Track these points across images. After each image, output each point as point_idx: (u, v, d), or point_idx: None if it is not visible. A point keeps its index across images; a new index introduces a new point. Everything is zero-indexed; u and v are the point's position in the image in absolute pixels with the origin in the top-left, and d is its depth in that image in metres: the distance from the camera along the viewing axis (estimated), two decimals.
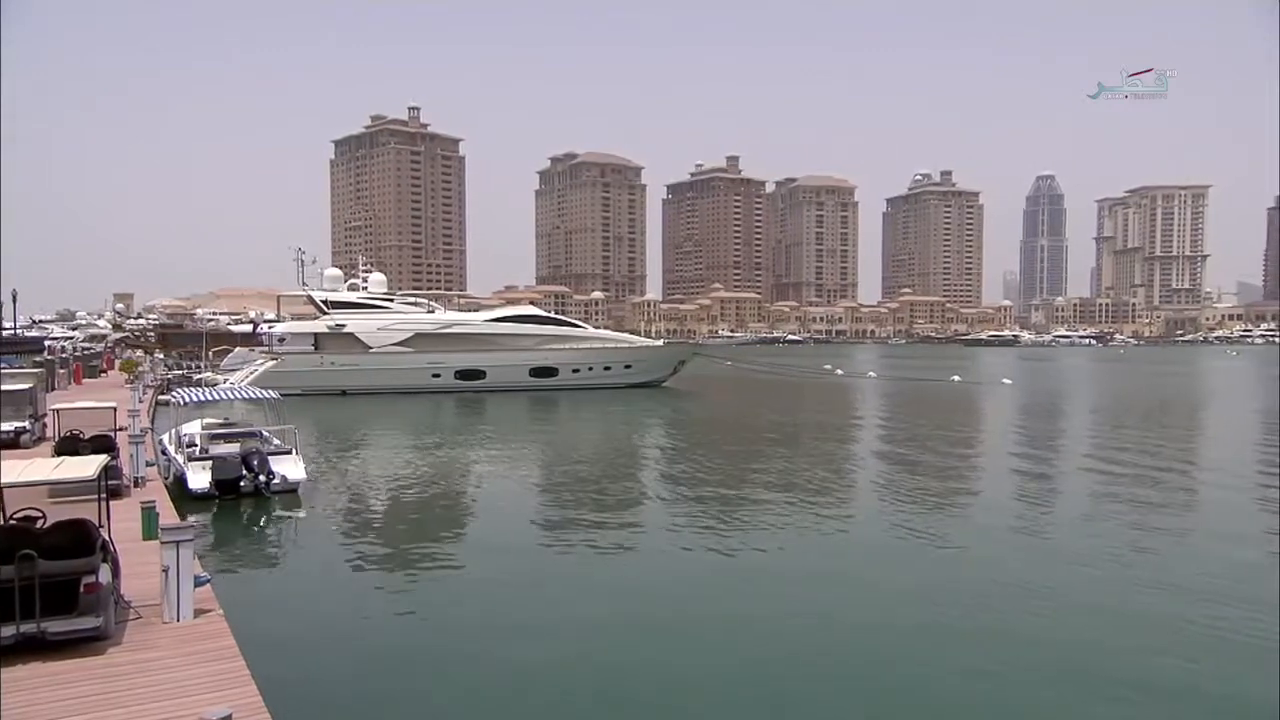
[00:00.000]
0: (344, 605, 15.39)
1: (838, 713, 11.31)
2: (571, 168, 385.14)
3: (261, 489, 23.45)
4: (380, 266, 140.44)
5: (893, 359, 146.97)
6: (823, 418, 50.34)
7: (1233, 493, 26.42)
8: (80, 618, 9.46)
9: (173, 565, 10.50)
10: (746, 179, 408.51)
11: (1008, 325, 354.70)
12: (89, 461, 12.15)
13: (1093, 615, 14.64)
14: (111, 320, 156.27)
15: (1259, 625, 13.86)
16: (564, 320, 77.01)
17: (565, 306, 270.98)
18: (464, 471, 30.58)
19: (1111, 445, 37.54)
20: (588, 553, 18.98)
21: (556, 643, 13.45)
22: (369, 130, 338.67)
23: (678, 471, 30.84)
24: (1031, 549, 19.34)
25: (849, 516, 22.90)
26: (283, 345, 65.77)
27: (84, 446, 20.18)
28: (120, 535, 12.47)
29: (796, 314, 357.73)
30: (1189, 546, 19.88)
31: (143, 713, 8.16)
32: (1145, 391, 75.59)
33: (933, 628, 14.02)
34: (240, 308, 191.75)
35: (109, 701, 8.34)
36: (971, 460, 33.65)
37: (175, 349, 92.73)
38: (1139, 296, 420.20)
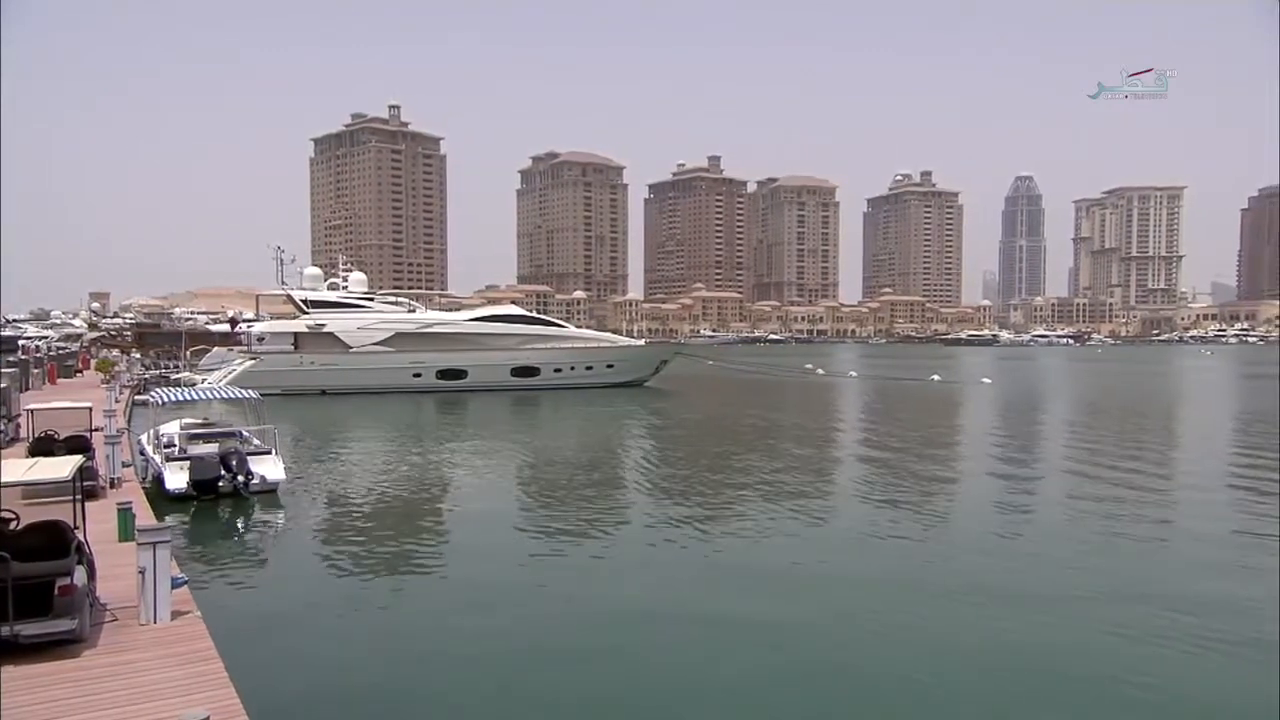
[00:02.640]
0: (323, 607, 15.28)
1: (822, 712, 11.36)
2: (553, 167, 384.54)
3: (240, 489, 23.26)
4: (360, 266, 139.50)
5: (873, 358, 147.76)
6: (804, 418, 50.52)
7: (1208, 492, 26.75)
8: (55, 620, 9.35)
9: (149, 567, 10.40)
10: (728, 179, 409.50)
11: (987, 325, 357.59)
12: (64, 462, 12.01)
13: (1072, 616, 14.77)
14: (87, 319, 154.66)
15: (1258, 627, 13.92)
16: (546, 320, 76.81)
17: (547, 306, 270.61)
18: (444, 472, 30.45)
19: (1089, 444, 37.95)
20: (568, 553, 18.95)
21: (538, 643, 13.41)
22: (349, 129, 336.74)
23: (659, 472, 30.85)
24: (1014, 551, 19.50)
25: (830, 517, 22.98)
26: (262, 345, 65.24)
27: (59, 447, 19.94)
28: (96, 537, 12.32)
29: (778, 314, 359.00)
30: (1166, 545, 20.11)
31: (119, 716, 8.07)
32: (1121, 391, 76.45)
33: (907, 627, 14.09)
34: (218, 307, 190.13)
35: (84, 705, 8.25)
36: (951, 460, 33.87)
37: (152, 348, 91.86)
38: (1116, 296, 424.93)
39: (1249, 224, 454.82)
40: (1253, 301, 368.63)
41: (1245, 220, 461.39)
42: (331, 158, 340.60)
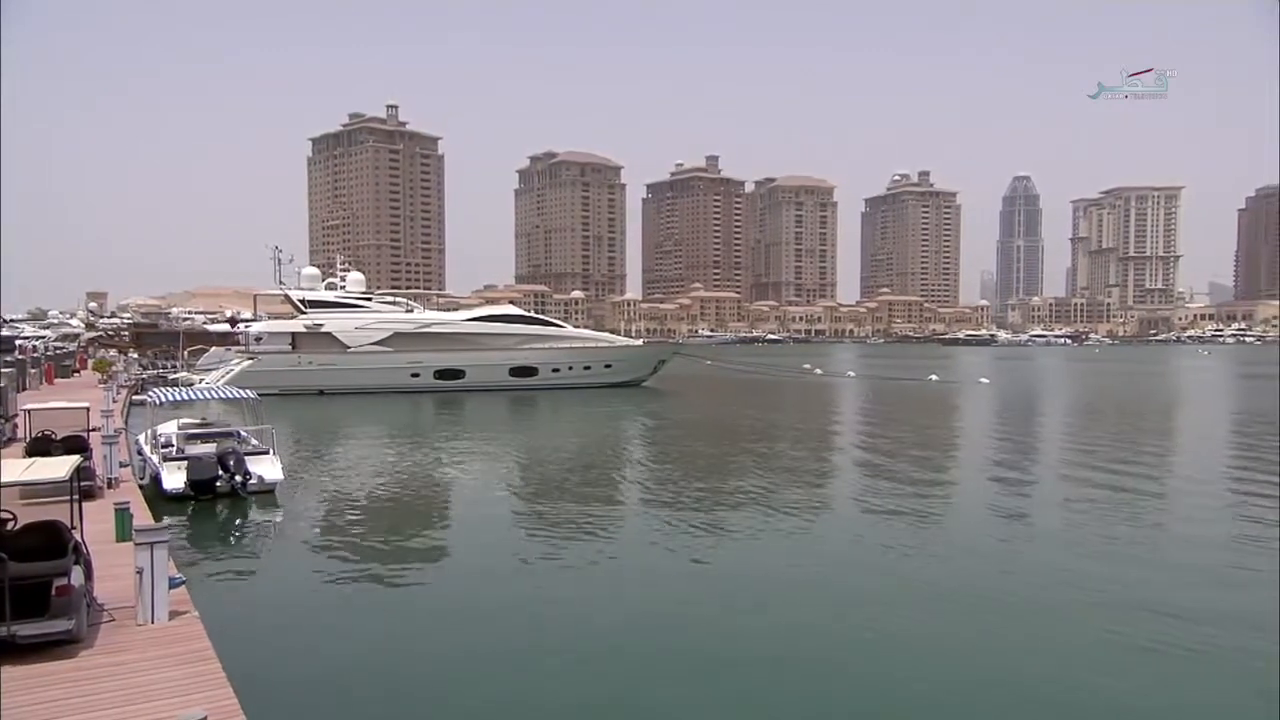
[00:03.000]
0: (321, 607, 15.27)
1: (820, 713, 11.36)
2: (551, 167, 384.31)
3: (238, 489, 23.24)
4: (358, 265, 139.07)
5: (871, 358, 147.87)
6: (802, 418, 50.54)
7: (1206, 495, 26.70)
8: (52, 621, 9.34)
9: (147, 567, 10.38)
10: (726, 179, 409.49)
11: (985, 325, 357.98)
12: (61, 462, 11.99)
13: (1069, 621, 14.76)
14: (84, 319, 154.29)
15: (1258, 634, 13.84)
16: (544, 320, 76.76)
17: (545, 306, 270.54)
18: (442, 472, 30.43)
19: (1087, 445, 37.98)
20: (566, 554, 18.93)
21: (535, 644, 13.41)
22: (347, 128, 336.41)
23: (656, 473, 30.85)
24: (1011, 554, 19.52)
25: (827, 519, 23.01)
26: (259, 345, 65.16)
27: (56, 447, 19.88)
28: (93, 537, 12.31)
29: (776, 313, 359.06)
30: (1165, 549, 20.09)
31: (117, 716, 8.06)
32: (1119, 391, 76.52)
33: (901, 633, 14.09)
34: (216, 307, 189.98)
35: (82, 705, 8.23)
36: (949, 461, 33.92)
37: (150, 348, 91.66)
38: (1113, 296, 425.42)
39: (1246, 224, 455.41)
40: (1250, 301, 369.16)
41: (1242, 220, 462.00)
42: (329, 157, 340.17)
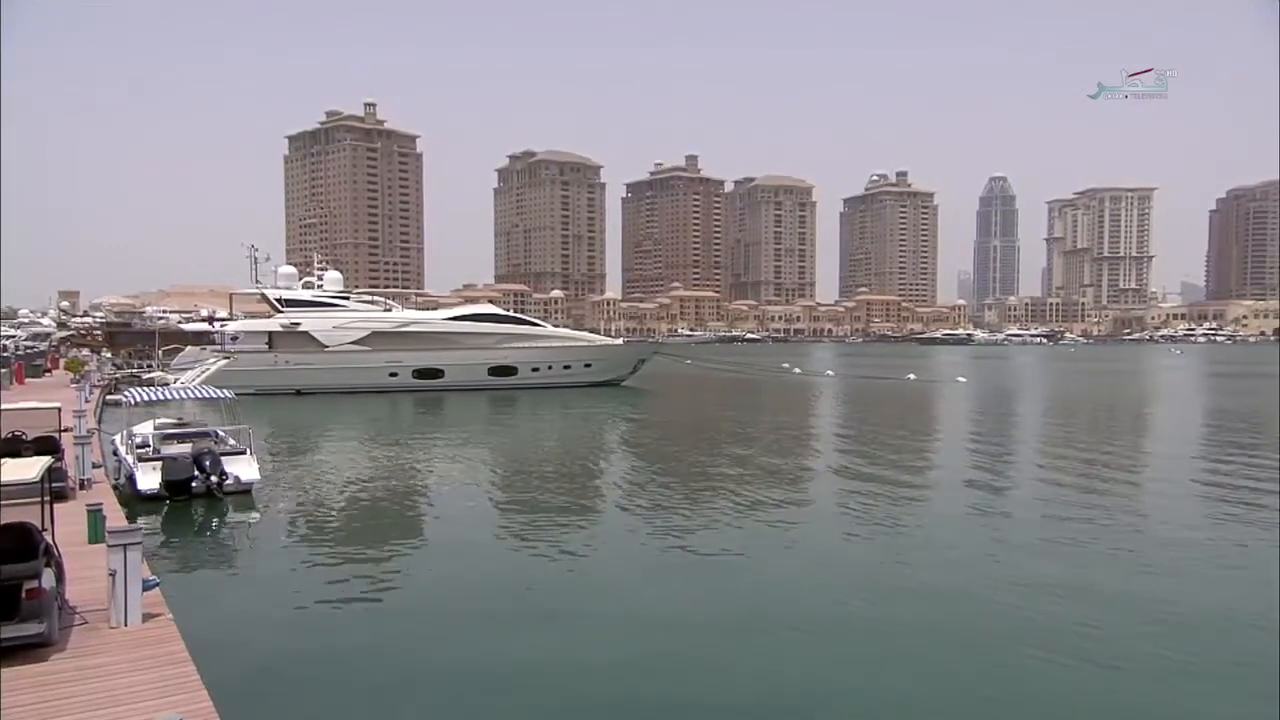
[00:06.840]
0: (297, 609, 15.14)
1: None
2: (530, 166, 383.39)
3: (214, 490, 23.00)
4: (336, 264, 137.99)
5: (850, 357, 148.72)
6: (782, 416, 50.71)
7: (1183, 495, 27.02)
8: (23, 624, 9.21)
9: (120, 568, 10.25)
10: (705, 178, 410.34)
11: (962, 324, 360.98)
12: (32, 463, 11.82)
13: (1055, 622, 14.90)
14: (56, 318, 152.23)
15: (1255, 637, 13.86)
16: (523, 319, 76.56)
17: (524, 305, 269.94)
18: (420, 472, 30.27)
19: (1063, 443, 38.39)
20: (545, 552, 18.88)
21: (512, 644, 13.37)
22: (324, 126, 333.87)
23: (636, 471, 30.84)
24: (997, 554, 19.64)
25: (805, 518, 23.08)
26: (236, 344, 64.59)
27: (27, 448, 19.60)
28: (65, 539, 12.15)
29: (755, 313, 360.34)
30: (1145, 550, 20.28)
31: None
32: (1094, 389, 77.37)
33: (878, 634, 14.17)
34: (191, 305, 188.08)
35: (54, 710, 8.13)
36: (926, 460, 34.13)
37: (124, 348, 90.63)
38: (1088, 296, 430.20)
39: (1217, 225, 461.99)
40: (1221, 301, 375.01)
41: (1214, 222, 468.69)
42: (306, 155, 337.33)
